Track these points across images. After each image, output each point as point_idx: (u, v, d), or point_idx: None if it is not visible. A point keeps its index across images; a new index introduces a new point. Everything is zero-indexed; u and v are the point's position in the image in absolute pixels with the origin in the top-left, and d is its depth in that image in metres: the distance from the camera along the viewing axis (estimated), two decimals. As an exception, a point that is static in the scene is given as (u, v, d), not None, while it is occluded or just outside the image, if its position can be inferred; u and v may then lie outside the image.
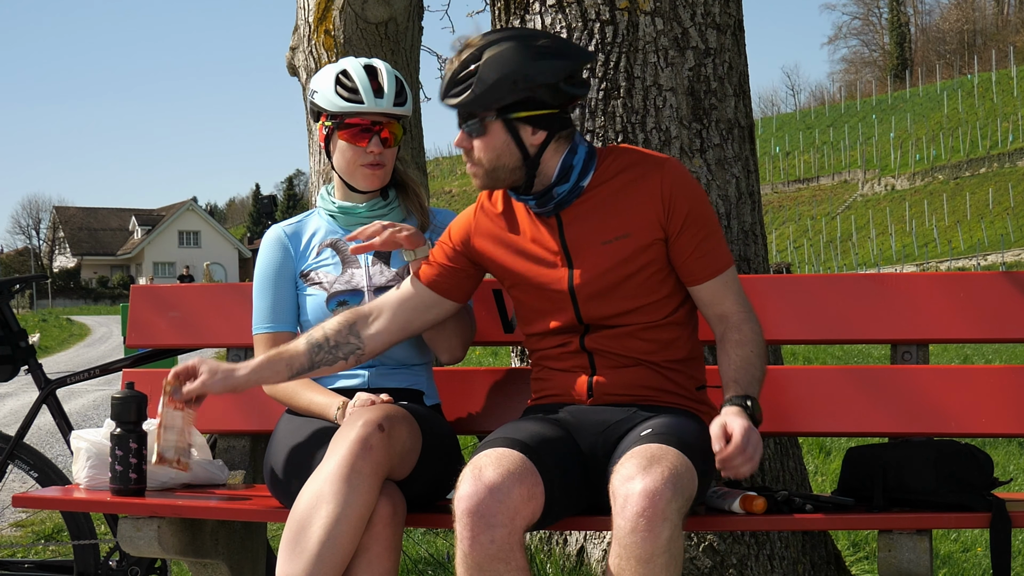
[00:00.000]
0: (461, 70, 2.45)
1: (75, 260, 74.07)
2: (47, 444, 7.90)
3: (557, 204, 2.49)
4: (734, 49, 3.43)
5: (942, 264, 44.37)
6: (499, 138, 2.45)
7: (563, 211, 2.51)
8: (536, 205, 2.51)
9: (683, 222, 2.45)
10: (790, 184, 66.22)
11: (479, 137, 2.46)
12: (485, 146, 2.46)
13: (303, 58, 6.17)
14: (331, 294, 2.79)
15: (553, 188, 2.48)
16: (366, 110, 2.75)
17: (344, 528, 2.32)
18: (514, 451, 2.29)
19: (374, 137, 2.76)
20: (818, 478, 5.89)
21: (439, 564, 4.37)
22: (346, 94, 2.77)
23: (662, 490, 2.13)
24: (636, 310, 2.49)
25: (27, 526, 5.55)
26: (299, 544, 2.33)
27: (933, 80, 74.92)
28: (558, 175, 2.47)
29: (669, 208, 2.45)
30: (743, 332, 2.46)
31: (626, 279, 2.47)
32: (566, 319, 2.52)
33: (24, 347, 3.53)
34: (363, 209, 2.84)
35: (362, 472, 2.35)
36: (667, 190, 2.45)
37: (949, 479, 2.43)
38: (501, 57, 2.41)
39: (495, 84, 2.40)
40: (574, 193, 2.49)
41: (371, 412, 2.45)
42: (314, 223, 2.92)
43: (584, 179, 2.49)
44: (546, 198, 2.49)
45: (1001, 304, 2.87)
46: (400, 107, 2.80)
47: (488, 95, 2.41)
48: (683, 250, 2.47)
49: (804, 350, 10.83)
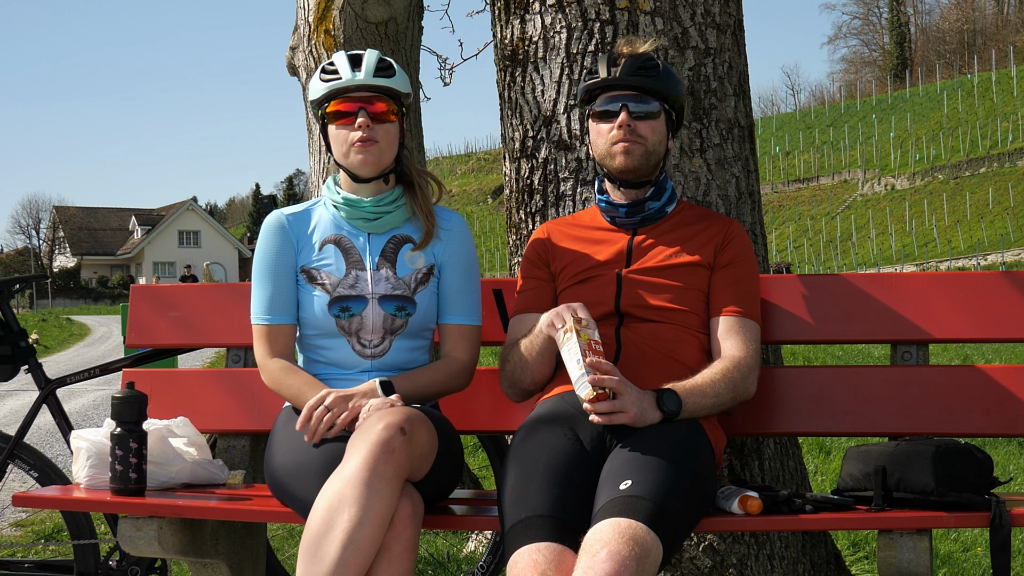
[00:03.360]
0: (646, 55, 2.77)
1: (75, 260, 74.04)
2: (47, 444, 7.90)
3: (643, 218, 2.80)
4: (734, 49, 3.43)
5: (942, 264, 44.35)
6: (662, 128, 2.79)
7: (641, 228, 2.81)
8: (625, 214, 2.80)
9: (729, 261, 2.76)
10: (790, 184, 66.18)
11: (653, 119, 2.76)
12: (654, 129, 2.76)
13: (303, 58, 6.17)
14: (333, 298, 2.77)
15: (647, 202, 2.79)
16: (343, 84, 2.74)
17: (367, 532, 2.32)
18: (549, 545, 2.28)
19: (360, 110, 2.74)
20: (818, 478, 5.89)
21: (439, 564, 4.37)
22: (327, 76, 2.78)
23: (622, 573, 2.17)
24: (670, 310, 2.70)
25: (27, 526, 5.55)
26: (321, 548, 2.32)
27: (933, 80, 74.89)
28: (654, 191, 2.81)
29: (724, 246, 2.78)
30: (725, 367, 2.62)
31: (668, 284, 2.72)
32: (605, 309, 2.70)
33: (24, 347, 3.53)
34: (368, 204, 2.80)
35: (384, 475, 2.36)
36: (729, 235, 2.80)
37: (949, 479, 2.43)
38: (670, 66, 2.85)
39: (675, 81, 2.79)
40: (660, 214, 2.82)
41: (392, 415, 2.44)
42: (318, 214, 2.87)
43: (669, 205, 2.84)
44: (637, 209, 2.79)
45: (1001, 304, 2.87)
46: (384, 78, 2.76)
47: (673, 85, 2.78)
48: (719, 281, 2.75)
49: (804, 350, 10.83)
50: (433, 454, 2.52)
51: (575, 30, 3.35)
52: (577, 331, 2.47)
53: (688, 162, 3.32)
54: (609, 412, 2.43)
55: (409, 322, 2.78)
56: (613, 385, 2.43)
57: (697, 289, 2.74)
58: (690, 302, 2.73)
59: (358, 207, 2.80)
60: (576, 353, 2.45)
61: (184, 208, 75.86)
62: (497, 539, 3.56)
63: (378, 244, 2.82)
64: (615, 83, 2.75)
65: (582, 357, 2.44)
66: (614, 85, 2.75)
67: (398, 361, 2.79)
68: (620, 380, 2.45)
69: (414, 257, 2.82)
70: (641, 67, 2.75)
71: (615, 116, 2.75)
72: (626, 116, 2.73)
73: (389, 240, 2.82)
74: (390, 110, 2.77)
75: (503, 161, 3.63)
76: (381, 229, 2.82)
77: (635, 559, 2.17)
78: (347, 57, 2.78)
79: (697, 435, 2.52)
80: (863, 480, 2.54)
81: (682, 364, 2.65)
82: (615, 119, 2.75)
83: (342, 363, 2.79)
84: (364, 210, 2.80)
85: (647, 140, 2.75)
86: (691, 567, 3.23)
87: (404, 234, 2.84)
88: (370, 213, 2.80)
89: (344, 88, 2.75)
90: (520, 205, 3.50)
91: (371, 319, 2.76)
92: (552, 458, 2.44)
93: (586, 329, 2.48)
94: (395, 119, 2.79)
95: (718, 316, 2.72)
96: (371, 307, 2.76)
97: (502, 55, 3.55)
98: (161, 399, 3.21)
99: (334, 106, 2.76)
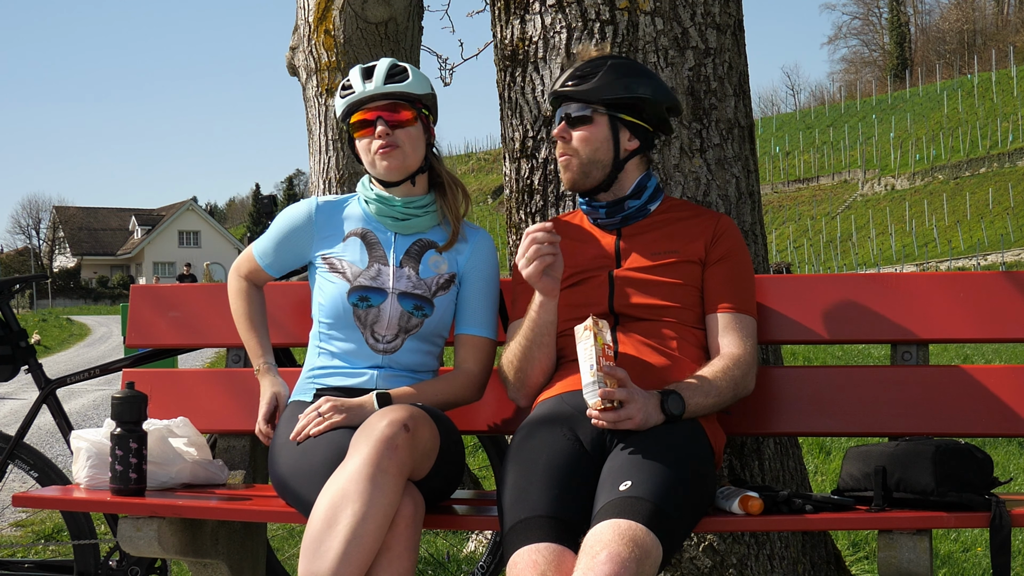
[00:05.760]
0: (585, 66, 2.74)
1: (75, 260, 74.06)
2: (47, 444, 7.90)
3: (624, 218, 2.76)
4: (734, 49, 3.43)
5: (942, 264, 44.34)
6: (601, 132, 2.72)
7: (625, 227, 2.77)
8: (605, 215, 2.76)
9: (721, 256, 2.73)
10: (790, 184, 66.17)
11: (584, 127, 2.72)
12: (588, 137, 2.72)
13: (303, 58, 6.17)
14: (353, 287, 2.79)
15: (626, 200, 2.75)
16: (357, 97, 2.80)
17: (370, 527, 2.32)
18: (548, 546, 2.28)
19: (378, 119, 2.78)
20: (818, 478, 5.90)
21: (439, 564, 4.37)
22: (344, 92, 2.84)
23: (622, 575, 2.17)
24: (664, 308, 2.69)
25: (27, 526, 5.55)
26: (324, 543, 2.32)
27: (933, 80, 74.87)
28: (633, 189, 2.76)
29: (715, 241, 2.74)
30: (725, 365, 2.61)
31: (661, 281, 2.70)
32: (599, 310, 2.69)
33: (24, 347, 3.53)
34: (399, 203, 2.84)
35: (388, 472, 2.36)
36: (719, 229, 2.76)
37: (949, 479, 2.43)
38: (624, 65, 2.75)
39: (615, 82, 2.71)
40: (641, 212, 2.78)
41: (396, 412, 2.45)
42: (351, 208, 2.92)
43: (652, 203, 2.79)
44: (616, 208, 2.75)
45: (1001, 304, 2.87)
46: (396, 83, 2.80)
47: (606, 88, 2.70)
48: (712, 277, 2.73)
49: (804, 350, 10.82)
50: (435, 453, 2.53)
51: (575, 30, 3.35)
52: (595, 333, 2.46)
53: (688, 162, 3.32)
54: (615, 421, 2.43)
55: (424, 323, 2.80)
56: (623, 397, 2.42)
57: (690, 285, 2.73)
58: (683, 298, 2.72)
59: (389, 204, 2.84)
60: (591, 357, 2.44)
61: (184, 208, 75.89)
62: (497, 539, 3.56)
63: (403, 244, 2.85)
64: (558, 93, 2.76)
65: (596, 364, 2.43)
66: (559, 95, 2.77)
67: (407, 361, 2.80)
68: (629, 391, 2.43)
69: (438, 262, 2.85)
70: (579, 74, 2.73)
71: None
72: (562, 126, 2.74)
73: (415, 242, 2.86)
74: (409, 113, 2.81)
75: (503, 161, 3.63)
76: (408, 231, 2.86)
77: (635, 560, 2.17)
78: (360, 70, 2.83)
79: (697, 435, 2.52)
80: (863, 480, 2.54)
81: (680, 361, 2.65)
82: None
83: (352, 356, 2.80)
84: (395, 209, 2.84)
85: (579, 151, 2.73)
86: (691, 567, 3.23)
87: (430, 239, 2.87)
88: (400, 213, 2.84)
89: (359, 100, 2.80)
90: (520, 205, 3.50)
91: (388, 313, 2.78)
92: (552, 458, 2.44)
93: (602, 332, 2.48)
94: (415, 121, 2.82)
95: (714, 313, 2.71)
96: (390, 301, 2.78)
97: (502, 55, 3.55)
98: (161, 399, 3.21)
99: (355, 119, 2.82)
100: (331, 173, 6.13)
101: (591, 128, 2.72)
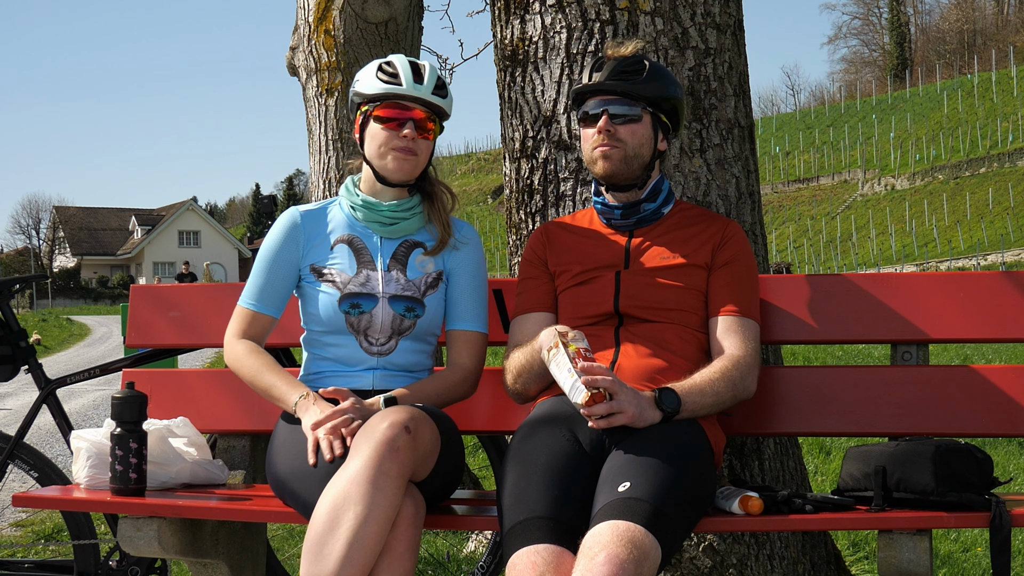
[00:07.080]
0: (632, 58, 2.75)
1: (75, 260, 74.03)
2: (47, 444, 7.90)
3: (639, 220, 2.80)
4: (734, 49, 3.43)
5: (942, 264, 44.33)
6: (646, 131, 2.76)
7: (638, 229, 2.81)
8: (620, 216, 2.79)
9: (727, 261, 2.76)
10: (790, 184, 66.15)
11: (633, 123, 2.74)
12: (635, 132, 2.74)
13: (303, 58, 6.17)
14: (344, 295, 2.78)
15: (642, 203, 2.79)
16: (404, 92, 2.76)
17: (372, 529, 2.32)
18: (547, 547, 2.28)
19: (409, 121, 2.76)
20: (818, 478, 5.90)
21: (439, 564, 4.37)
22: (386, 77, 2.79)
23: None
24: (668, 310, 2.71)
25: (27, 526, 5.55)
26: (326, 546, 2.32)
27: (933, 80, 74.86)
28: (649, 192, 2.79)
29: (721, 245, 2.77)
30: (724, 366, 2.62)
31: (667, 284, 2.72)
32: (604, 310, 2.72)
33: (24, 347, 3.53)
34: (386, 208, 2.82)
35: (389, 474, 2.36)
36: (726, 234, 2.79)
37: (949, 479, 2.43)
38: (660, 67, 2.79)
39: (664, 82, 2.75)
40: (655, 215, 2.81)
41: (396, 414, 2.45)
42: (333, 213, 2.89)
43: (666, 207, 2.83)
44: (632, 211, 2.79)
45: (1001, 304, 2.87)
46: (439, 97, 2.80)
47: (657, 87, 2.74)
48: (717, 280, 2.74)
49: (804, 350, 10.82)
50: (436, 454, 2.53)
51: (575, 30, 3.35)
52: (564, 344, 2.46)
53: (688, 162, 3.32)
54: (607, 414, 2.42)
55: (417, 324, 2.80)
56: (607, 384, 2.41)
57: (695, 289, 2.74)
58: (689, 302, 2.73)
59: (375, 210, 2.82)
60: (565, 364, 2.43)
61: (184, 208, 75.84)
62: (497, 539, 3.56)
63: (390, 247, 2.84)
64: (598, 87, 2.75)
65: (572, 366, 2.42)
66: (597, 90, 2.76)
67: (402, 361, 2.80)
68: (614, 380, 2.44)
69: (424, 262, 2.84)
70: (623, 71, 2.74)
71: (598, 120, 2.75)
72: (605, 120, 2.73)
73: (401, 244, 2.85)
74: (433, 128, 2.81)
75: (503, 161, 3.63)
76: (395, 234, 2.85)
77: (633, 562, 2.17)
78: (410, 64, 2.80)
79: (696, 435, 2.52)
80: (863, 480, 2.54)
81: (681, 364, 2.65)
82: (598, 123, 2.75)
83: (347, 359, 2.80)
84: (381, 214, 2.82)
85: (626, 144, 2.73)
86: (691, 567, 3.23)
87: (416, 240, 2.86)
88: (387, 217, 2.82)
89: (402, 95, 2.76)
90: (520, 205, 3.50)
91: (380, 318, 2.77)
92: (551, 459, 2.44)
93: (573, 341, 2.47)
94: (433, 138, 2.82)
95: (717, 316, 2.72)
96: (381, 306, 2.77)
97: (502, 55, 3.55)
98: (161, 399, 3.21)
99: (384, 109, 2.77)
100: (331, 173, 6.13)
101: (638, 126, 2.74)
